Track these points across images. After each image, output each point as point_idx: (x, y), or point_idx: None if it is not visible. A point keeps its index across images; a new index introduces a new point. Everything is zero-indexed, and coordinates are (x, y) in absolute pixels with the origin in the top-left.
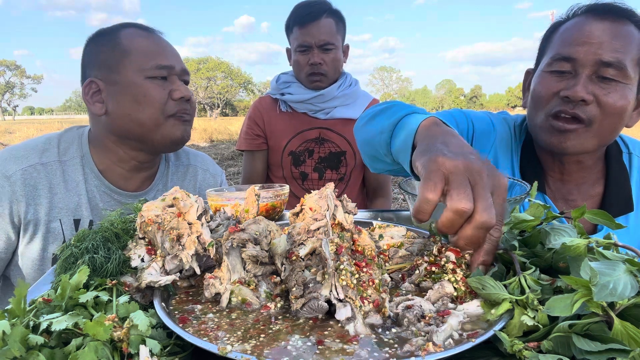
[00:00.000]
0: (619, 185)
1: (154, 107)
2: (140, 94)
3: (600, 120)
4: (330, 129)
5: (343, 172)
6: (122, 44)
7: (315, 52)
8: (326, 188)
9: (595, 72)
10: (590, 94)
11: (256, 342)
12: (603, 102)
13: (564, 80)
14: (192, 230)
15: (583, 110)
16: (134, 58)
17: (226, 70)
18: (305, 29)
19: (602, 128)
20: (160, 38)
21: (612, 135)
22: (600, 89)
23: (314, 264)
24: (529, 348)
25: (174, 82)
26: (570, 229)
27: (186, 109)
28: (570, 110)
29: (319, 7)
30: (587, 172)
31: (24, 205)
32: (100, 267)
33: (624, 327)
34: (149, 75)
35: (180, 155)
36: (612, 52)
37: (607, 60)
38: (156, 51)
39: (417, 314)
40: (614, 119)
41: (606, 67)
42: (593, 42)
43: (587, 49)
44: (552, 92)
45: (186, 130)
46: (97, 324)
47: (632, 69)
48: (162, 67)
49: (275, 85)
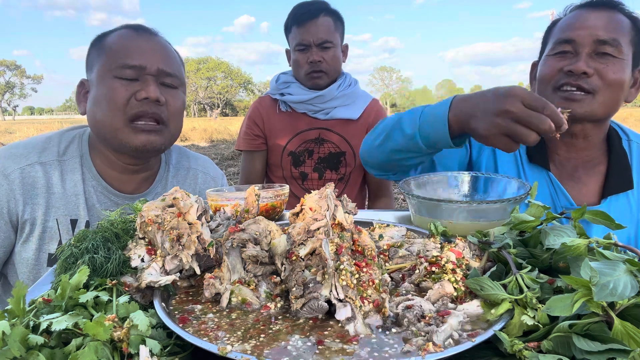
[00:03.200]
0: (620, 164)
1: (111, 107)
2: (101, 93)
3: (602, 90)
4: (330, 129)
5: (343, 173)
6: (104, 45)
7: (314, 51)
8: (326, 188)
9: (594, 49)
10: (591, 68)
11: (256, 342)
12: (603, 74)
13: (567, 59)
14: (192, 230)
15: (586, 81)
16: (106, 57)
17: (226, 70)
18: (304, 27)
19: (605, 97)
20: (146, 38)
21: (615, 106)
22: (599, 63)
23: (314, 264)
24: (529, 348)
25: (146, 83)
26: (570, 229)
27: (151, 112)
28: (574, 82)
29: (317, 6)
30: (592, 150)
31: (22, 204)
32: (100, 267)
33: (624, 327)
34: (115, 75)
35: (180, 158)
36: (607, 32)
37: (603, 38)
38: (128, 50)
39: (417, 314)
40: (615, 89)
41: (603, 45)
42: (590, 25)
43: (584, 32)
44: (557, 69)
45: (150, 140)
46: (97, 324)
47: (626, 46)
48: (129, 67)
49: (275, 85)
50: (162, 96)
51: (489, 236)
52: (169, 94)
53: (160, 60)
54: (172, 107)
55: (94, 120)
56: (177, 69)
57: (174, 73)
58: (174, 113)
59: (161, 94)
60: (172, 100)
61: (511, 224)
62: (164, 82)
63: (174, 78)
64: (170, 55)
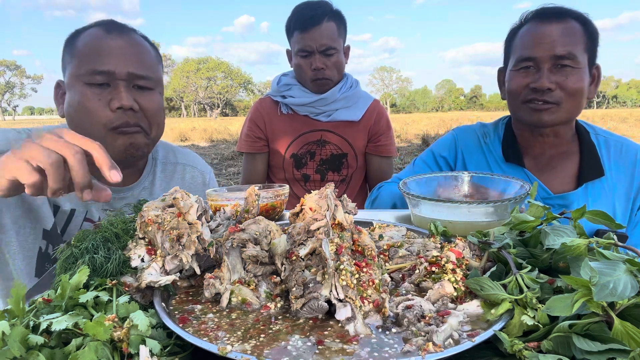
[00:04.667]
0: (591, 155)
1: (90, 117)
2: (75, 100)
3: (566, 99)
4: (332, 131)
5: (345, 174)
6: (75, 47)
7: (317, 57)
8: (326, 188)
9: (554, 64)
10: (553, 83)
11: (256, 342)
12: (564, 86)
13: (530, 75)
14: (192, 230)
15: (550, 95)
16: (75, 62)
17: (226, 70)
18: (307, 33)
19: (569, 105)
20: (117, 38)
21: (579, 109)
22: (560, 76)
23: (314, 264)
24: (529, 348)
25: (117, 90)
26: (570, 229)
27: (129, 121)
28: (540, 97)
29: (321, 10)
30: (563, 145)
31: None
32: (100, 267)
33: (624, 327)
34: (86, 82)
35: (167, 153)
36: (563, 47)
37: (560, 54)
38: (97, 54)
39: (417, 314)
40: (577, 96)
41: (561, 59)
42: (546, 42)
43: (543, 48)
44: (523, 85)
45: (133, 143)
46: (97, 324)
47: (581, 55)
48: (98, 73)
49: (276, 87)
50: (136, 102)
51: (489, 236)
52: (144, 97)
53: (131, 63)
54: (149, 112)
55: (73, 127)
56: (150, 69)
57: (146, 75)
58: (151, 116)
59: (135, 98)
60: (147, 103)
61: (511, 224)
62: (137, 84)
63: (148, 80)
64: (143, 55)
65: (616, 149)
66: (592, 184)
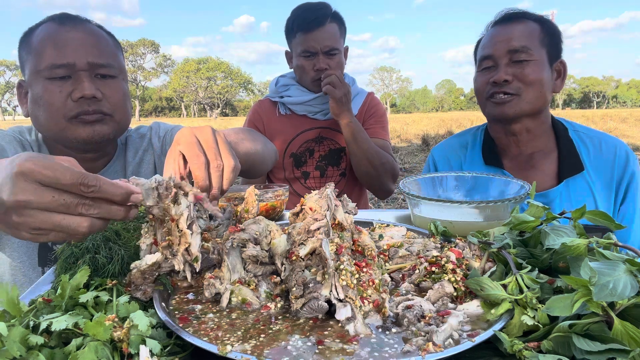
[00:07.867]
0: (569, 150)
1: (51, 110)
2: (38, 96)
3: (525, 90)
4: (330, 128)
5: (344, 167)
6: (30, 44)
7: (320, 58)
8: (326, 188)
9: (510, 59)
10: (509, 75)
11: (256, 342)
12: (521, 77)
13: (490, 72)
14: (182, 241)
15: (509, 87)
16: (33, 59)
17: (226, 70)
18: (310, 34)
19: (529, 95)
20: (71, 29)
21: (541, 100)
22: (516, 69)
23: (314, 264)
24: (529, 348)
25: (78, 80)
26: (570, 229)
27: (91, 110)
28: (500, 90)
29: (323, 12)
30: (539, 140)
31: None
32: (102, 268)
33: (624, 327)
34: (46, 76)
35: (129, 133)
36: (518, 41)
37: (515, 47)
38: (52, 48)
39: (417, 314)
40: (536, 86)
41: (516, 53)
42: (503, 40)
43: (499, 46)
44: (485, 83)
45: (95, 130)
46: (97, 324)
47: (537, 49)
48: (57, 66)
49: (274, 88)
50: (99, 91)
51: (489, 236)
52: (107, 85)
53: (89, 53)
54: (112, 99)
55: (38, 123)
56: (110, 57)
57: (107, 63)
58: (115, 104)
59: (98, 87)
60: (110, 92)
61: (511, 224)
62: (99, 74)
63: (109, 68)
64: (101, 44)
65: (595, 144)
66: (573, 179)
